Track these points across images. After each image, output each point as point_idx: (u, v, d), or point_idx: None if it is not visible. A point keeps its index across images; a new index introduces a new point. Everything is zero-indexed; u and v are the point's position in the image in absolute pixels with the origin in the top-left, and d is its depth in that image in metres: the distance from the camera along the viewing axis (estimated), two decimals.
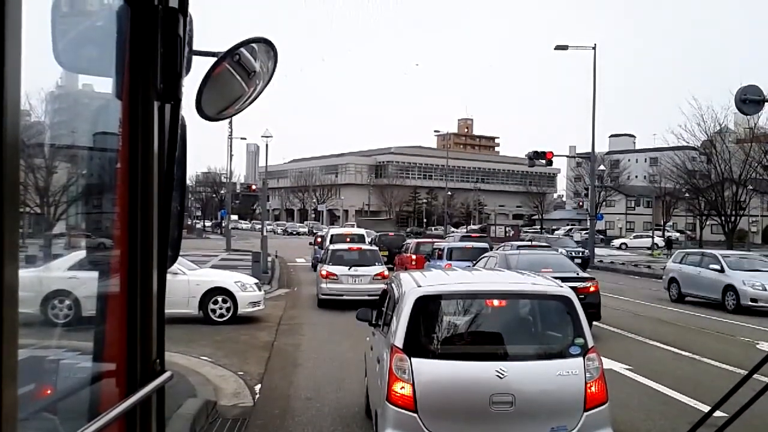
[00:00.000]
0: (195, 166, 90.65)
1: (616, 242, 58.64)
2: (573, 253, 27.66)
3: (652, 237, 48.79)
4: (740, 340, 12.85)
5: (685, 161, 39.85)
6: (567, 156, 68.01)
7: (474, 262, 16.00)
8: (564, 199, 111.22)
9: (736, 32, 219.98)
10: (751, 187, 33.09)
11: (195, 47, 1.46)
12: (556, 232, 75.20)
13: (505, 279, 6.55)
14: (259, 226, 34.17)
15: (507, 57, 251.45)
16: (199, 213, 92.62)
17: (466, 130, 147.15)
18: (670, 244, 48.78)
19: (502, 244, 26.10)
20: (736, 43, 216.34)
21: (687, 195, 44.66)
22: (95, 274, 1.54)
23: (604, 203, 58.62)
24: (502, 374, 4.82)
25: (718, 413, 1.69)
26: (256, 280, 15.22)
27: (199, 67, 1.51)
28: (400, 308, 5.23)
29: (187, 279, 13.34)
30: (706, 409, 6.50)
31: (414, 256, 23.79)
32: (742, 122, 34.13)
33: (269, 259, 26.24)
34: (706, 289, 18.11)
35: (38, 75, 1.40)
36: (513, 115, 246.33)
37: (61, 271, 2.01)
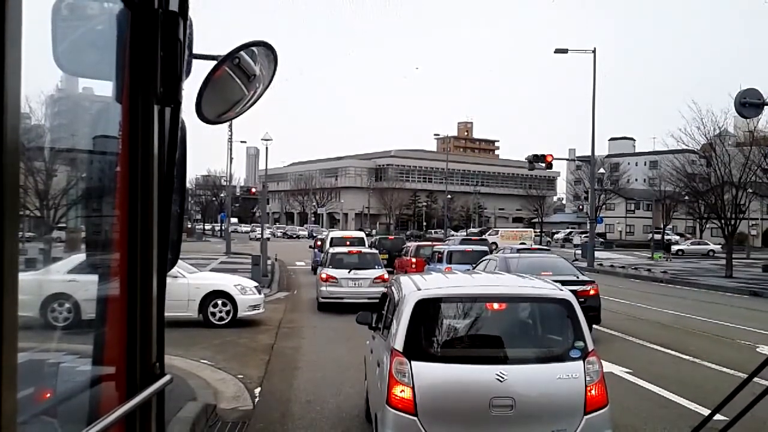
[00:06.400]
0: (195, 169, 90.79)
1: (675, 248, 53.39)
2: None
3: (652, 240, 48.81)
4: (740, 343, 12.85)
5: (684, 164, 39.80)
6: (567, 159, 67.96)
7: (474, 265, 15.99)
8: (564, 202, 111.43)
9: (736, 36, 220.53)
10: (750, 190, 33.03)
11: (195, 51, 1.46)
12: (555, 235, 75.31)
13: (505, 282, 6.55)
14: (259, 229, 34.15)
15: (507, 60, 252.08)
16: (199, 216, 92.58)
17: (466, 133, 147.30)
18: (669, 247, 48.75)
19: (502, 246, 26.06)
20: (735, 47, 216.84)
21: (687, 198, 44.65)
22: (95, 277, 1.54)
23: (604, 206, 58.58)
24: (503, 377, 4.82)
25: (718, 416, 1.68)
26: (256, 284, 15.21)
27: (199, 70, 1.51)
28: (400, 311, 5.23)
29: (187, 282, 13.33)
30: (706, 412, 6.49)
31: (414, 260, 23.77)
32: (742, 125, 34.07)
33: (269, 262, 26.23)
34: None
35: (38, 78, 1.40)
36: (513, 119, 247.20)
37: (60, 274, 2.01)
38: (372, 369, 6.26)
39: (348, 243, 24.11)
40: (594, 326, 11.37)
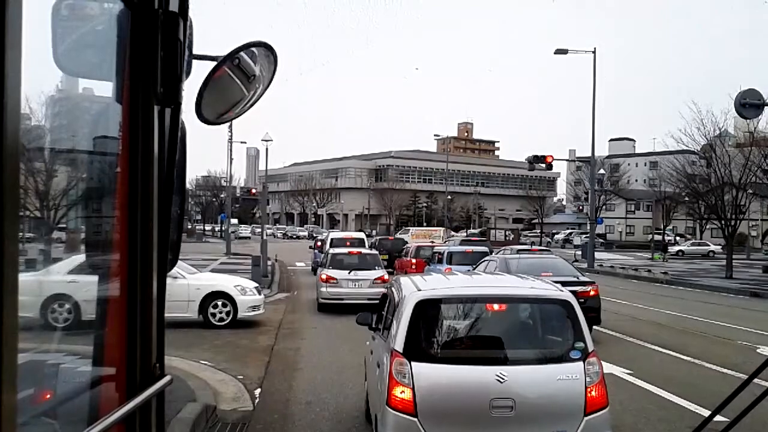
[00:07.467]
0: (195, 170, 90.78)
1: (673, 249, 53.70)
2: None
3: (652, 240, 48.81)
4: (740, 344, 12.84)
5: (684, 165, 39.86)
6: (567, 160, 67.99)
7: (474, 266, 15.98)
8: (564, 202, 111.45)
9: (736, 36, 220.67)
10: (751, 191, 33.03)
11: (195, 51, 1.46)
12: (555, 236, 75.29)
13: (505, 283, 6.54)
14: (259, 231, 34.17)
15: (507, 61, 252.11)
16: (199, 217, 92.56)
17: (466, 134, 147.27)
18: (666, 248, 48.75)
19: (502, 248, 26.07)
20: (736, 47, 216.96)
21: (687, 199, 44.67)
22: (95, 278, 1.54)
23: (604, 207, 58.55)
24: (503, 378, 4.82)
25: (718, 417, 1.68)
26: (256, 284, 15.20)
27: (199, 71, 1.51)
28: (400, 312, 5.23)
29: (187, 283, 13.33)
30: (706, 413, 6.50)
31: (414, 260, 23.77)
32: (742, 126, 34.15)
33: (269, 263, 26.23)
34: None
35: (38, 78, 1.40)
36: (513, 119, 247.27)
37: (61, 275, 2.01)
38: (372, 370, 6.26)
39: (348, 244, 24.11)
40: (594, 327, 11.38)
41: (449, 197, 79.66)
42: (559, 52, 33.58)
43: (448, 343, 5.39)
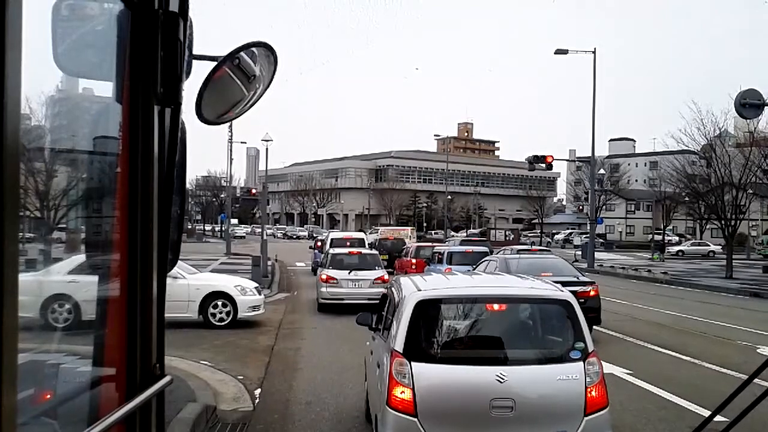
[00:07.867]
0: (195, 170, 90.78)
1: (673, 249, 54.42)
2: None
3: (652, 241, 48.82)
4: (740, 344, 12.84)
5: (684, 165, 39.87)
6: (567, 160, 67.98)
7: (474, 266, 15.98)
8: (564, 203, 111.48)
9: (736, 36, 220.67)
10: (751, 191, 33.02)
11: (195, 51, 1.46)
12: (555, 236, 75.30)
13: (505, 283, 6.54)
14: (259, 230, 34.17)
15: (507, 61, 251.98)
16: (199, 217, 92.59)
17: (466, 134, 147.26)
18: (663, 248, 48.76)
19: (502, 248, 26.06)
20: (736, 47, 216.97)
21: (687, 199, 44.65)
22: (95, 278, 1.54)
23: (604, 207, 58.57)
24: (503, 379, 4.82)
25: (718, 418, 1.68)
26: (256, 284, 15.20)
27: (199, 71, 1.51)
28: (400, 312, 5.22)
29: (187, 283, 13.33)
30: (706, 413, 6.49)
31: (414, 260, 23.77)
32: (742, 126, 34.16)
33: (269, 263, 26.22)
34: None
35: (39, 79, 1.40)
36: (513, 119, 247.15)
37: (61, 275, 2.01)
38: (372, 370, 6.26)
39: (348, 244, 24.11)
40: (594, 327, 11.37)
41: (449, 197, 79.69)
42: (559, 52, 33.58)
43: (448, 343, 5.38)
